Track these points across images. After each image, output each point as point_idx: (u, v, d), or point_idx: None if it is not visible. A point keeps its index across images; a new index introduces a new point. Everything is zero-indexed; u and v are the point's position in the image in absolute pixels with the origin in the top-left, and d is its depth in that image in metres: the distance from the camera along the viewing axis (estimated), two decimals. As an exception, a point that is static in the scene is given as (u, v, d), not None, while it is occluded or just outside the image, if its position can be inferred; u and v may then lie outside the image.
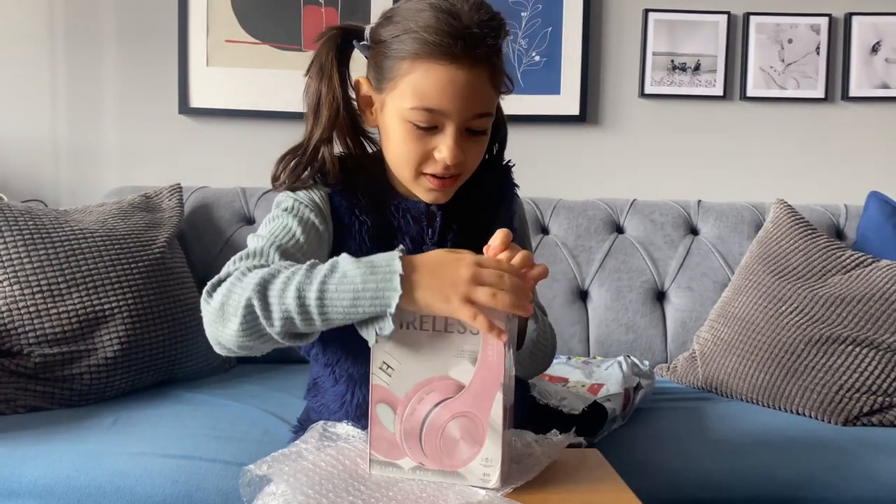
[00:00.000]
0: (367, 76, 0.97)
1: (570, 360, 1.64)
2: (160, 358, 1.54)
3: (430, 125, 0.90)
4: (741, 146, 2.17)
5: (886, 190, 1.92)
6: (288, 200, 0.98)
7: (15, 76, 2.05)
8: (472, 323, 0.75)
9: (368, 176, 1.00)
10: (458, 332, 0.78)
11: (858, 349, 1.50)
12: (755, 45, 2.13)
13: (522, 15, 2.10)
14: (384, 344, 0.78)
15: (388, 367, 0.79)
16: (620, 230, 1.95)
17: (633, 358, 1.56)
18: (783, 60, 2.13)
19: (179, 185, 1.84)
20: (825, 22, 2.13)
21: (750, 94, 2.14)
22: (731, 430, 1.40)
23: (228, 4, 2.06)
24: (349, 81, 0.99)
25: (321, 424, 0.87)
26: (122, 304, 1.50)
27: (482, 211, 1.02)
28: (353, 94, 0.99)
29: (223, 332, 0.82)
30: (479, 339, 0.77)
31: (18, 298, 1.43)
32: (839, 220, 1.95)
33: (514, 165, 1.08)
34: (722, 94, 2.14)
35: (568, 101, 2.11)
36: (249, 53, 2.07)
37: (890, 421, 1.45)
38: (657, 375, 1.71)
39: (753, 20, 2.12)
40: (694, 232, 1.95)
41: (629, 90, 2.15)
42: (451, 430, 0.78)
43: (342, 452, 0.83)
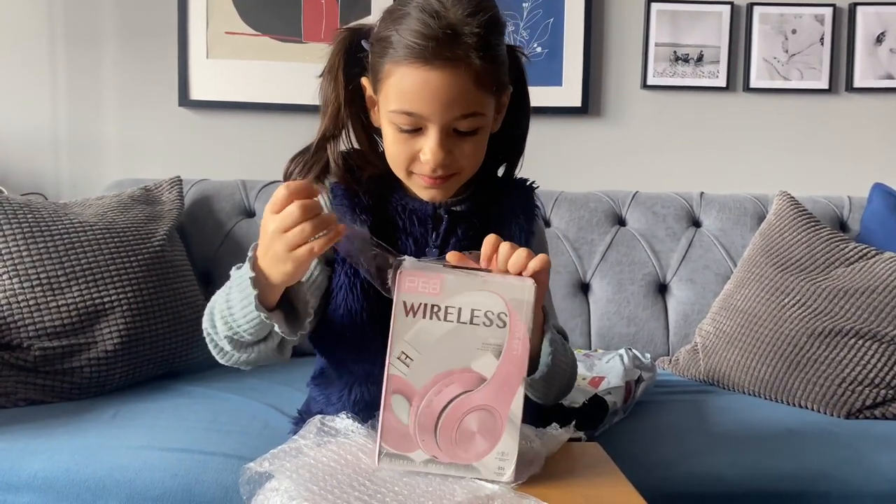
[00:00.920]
0: (369, 76, 0.97)
1: (571, 352, 1.64)
2: (160, 351, 1.54)
3: (412, 127, 0.90)
4: (744, 138, 2.15)
5: (891, 181, 1.91)
6: None
7: (14, 69, 2.05)
8: (315, 255, 0.77)
9: (372, 174, 0.99)
10: (483, 324, 0.77)
11: (861, 342, 1.49)
12: (759, 35, 2.11)
13: (524, 6, 2.09)
14: (404, 334, 0.77)
15: (407, 357, 0.77)
16: (622, 222, 1.94)
17: (634, 351, 1.56)
18: (787, 51, 2.12)
19: (179, 177, 1.83)
20: (829, 12, 2.11)
21: (753, 85, 2.13)
22: (733, 423, 1.40)
23: (228, -4, 2.05)
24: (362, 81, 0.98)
25: (319, 419, 0.86)
26: (121, 297, 1.50)
27: (493, 222, 1.00)
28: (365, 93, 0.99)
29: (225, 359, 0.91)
30: (504, 332, 0.76)
31: (18, 292, 1.43)
32: (843, 211, 1.94)
33: (537, 187, 1.08)
34: (725, 85, 2.12)
35: (570, 92, 2.10)
36: (249, 45, 2.06)
37: (893, 414, 1.44)
38: (659, 368, 1.70)
39: (757, 10, 2.11)
40: (696, 224, 1.94)
41: (631, 81, 2.14)
42: (468, 422, 0.78)
43: (343, 447, 0.82)
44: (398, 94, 0.88)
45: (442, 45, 0.85)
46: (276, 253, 0.78)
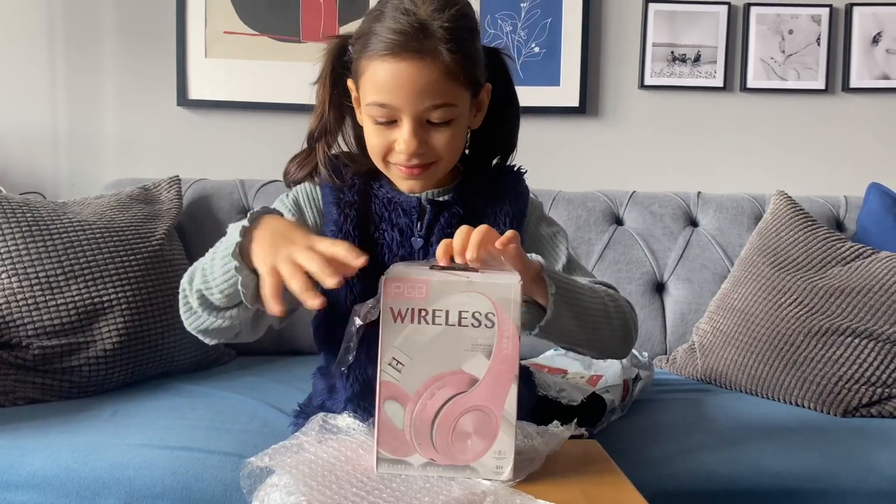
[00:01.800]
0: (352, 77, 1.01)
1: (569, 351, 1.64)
2: (159, 350, 1.54)
3: (387, 119, 0.94)
4: (741, 137, 2.16)
5: (886, 181, 1.92)
6: (282, 197, 1.06)
7: (13, 68, 2.04)
8: (279, 293, 0.78)
9: (356, 171, 1.03)
10: (472, 325, 0.77)
11: (858, 340, 1.50)
12: (756, 35, 2.12)
13: (522, 6, 2.09)
14: (394, 340, 0.77)
15: (397, 362, 0.78)
16: (620, 222, 1.94)
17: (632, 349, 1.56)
18: (784, 51, 2.13)
19: (178, 176, 1.84)
20: (826, 12, 2.12)
21: (750, 85, 2.13)
22: (730, 421, 1.41)
23: (226, -5, 2.05)
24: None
25: (321, 416, 0.87)
26: (120, 296, 1.50)
27: (479, 211, 1.02)
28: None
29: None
30: (493, 332, 0.77)
31: (17, 291, 1.43)
32: (839, 211, 1.95)
33: (525, 172, 1.09)
34: (722, 85, 2.13)
35: (567, 92, 2.11)
36: (248, 45, 2.06)
37: (889, 412, 1.45)
38: (656, 367, 1.71)
39: (754, 11, 2.11)
40: (693, 223, 1.95)
41: (629, 81, 2.15)
42: (463, 424, 0.78)
43: (344, 444, 0.83)
44: (373, 87, 0.93)
45: (411, 38, 0.89)
46: (272, 265, 0.79)
